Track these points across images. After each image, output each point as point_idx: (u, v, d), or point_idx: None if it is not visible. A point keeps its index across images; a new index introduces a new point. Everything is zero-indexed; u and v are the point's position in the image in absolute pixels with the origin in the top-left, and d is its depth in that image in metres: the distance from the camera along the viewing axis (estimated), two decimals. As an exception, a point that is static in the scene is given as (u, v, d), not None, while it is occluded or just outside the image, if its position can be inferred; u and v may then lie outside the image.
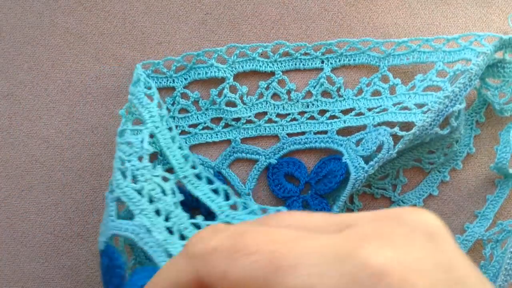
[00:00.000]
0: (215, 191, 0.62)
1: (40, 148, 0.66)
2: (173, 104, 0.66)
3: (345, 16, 0.69)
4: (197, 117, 0.65)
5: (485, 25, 0.69)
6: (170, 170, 0.61)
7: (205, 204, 0.60)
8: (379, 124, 0.63)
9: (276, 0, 0.69)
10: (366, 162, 0.61)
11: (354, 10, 0.69)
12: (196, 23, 0.69)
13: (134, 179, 0.56)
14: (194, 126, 0.66)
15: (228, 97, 0.66)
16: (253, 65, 0.67)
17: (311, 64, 0.67)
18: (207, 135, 0.66)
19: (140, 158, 0.57)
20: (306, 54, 0.67)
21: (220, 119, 0.67)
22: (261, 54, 0.67)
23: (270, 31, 0.69)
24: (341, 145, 0.65)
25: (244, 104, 0.66)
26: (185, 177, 0.60)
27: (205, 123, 0.65)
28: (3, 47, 0.68)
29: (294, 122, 0.67)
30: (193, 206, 0.61)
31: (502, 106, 0.65)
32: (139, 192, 0.54)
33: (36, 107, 0.67)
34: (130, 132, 0.59)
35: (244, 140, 0.67)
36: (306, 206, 0.66)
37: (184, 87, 0.66)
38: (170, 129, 0.63)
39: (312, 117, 0.67)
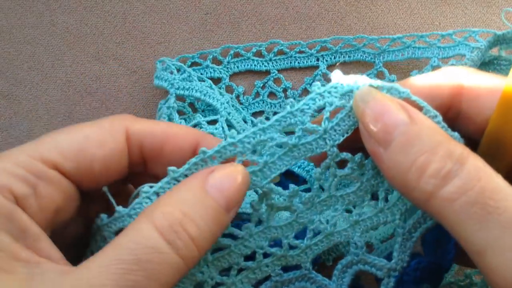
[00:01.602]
0: None
1: (40, 148, 0.66)
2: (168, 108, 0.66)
3: (345, 16, 0.69)
4: (194, 118, 0.65)
5: (484, 25, 0.68)
6: None
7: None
8: None
9: (276, 0, 0.69)
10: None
11: (354, 10, 0.69)
12: (196, 23, 0.69)
13: None
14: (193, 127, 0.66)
15: (225, 97, 0.65)
16: (248, 65, 0.67)
17: (307, 62, 0.67)
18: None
19: None
20: (301, 52, 0.67)
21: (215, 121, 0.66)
22: (256, 54, 0.67)
23: (270, 31, 0.68)
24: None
25: (241, 103, 0.67)
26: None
27: (198, 126, 0.64)
28: (3, 47, 0.68)
29: (292, 120, 0.67)
30: None
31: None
32: None
33: (36, 107, 0.67)
34: (206, 124, 0.60)
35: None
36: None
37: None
38: (238, 110, 0.65)
39: (310, 115, 0.66)
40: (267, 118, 0.67)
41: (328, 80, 0.66)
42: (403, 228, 0.43)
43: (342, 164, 0.43)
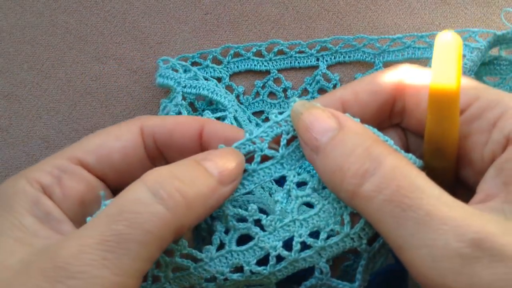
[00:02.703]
0: None
1: (40, 148, 0.66)
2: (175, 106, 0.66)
3: (345, 16, 0.69)
4: (203, 115, 0.64)
5: (485, 25, 0.68)
6: None
7: None
8: None
9: (276, 0, 0.69)
10: None
11: (354, 10, 0.69)
12: (196, 23, 0.69)
13: None
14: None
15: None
16: (248, 65, 0.67)
17: (306, 62, 0.67)
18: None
19: None
20: (301, 52, 0.67)
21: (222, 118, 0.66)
22: (256, 54, 0.68)
23: (270, 31, 0.69)
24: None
25: (241, 103, 0.67)
26: None
27: None
28: (3, 47, 0.68)
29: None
30: None
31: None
32: None
33: (36, 107, 0.67)
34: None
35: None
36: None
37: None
38: (242, 109, 0.65)
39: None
40: (267, 118, 0.67)
41: (328, 80, 0.67)
42: (368, 252, 0.44)
43: None
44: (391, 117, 0.49)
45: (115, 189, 0.47)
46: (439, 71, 0.39)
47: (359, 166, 0.39)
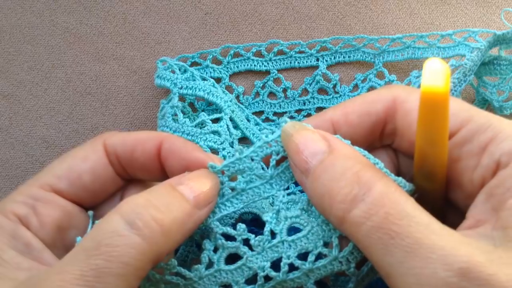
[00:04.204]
0: None
1: (40, 148, 0.66)
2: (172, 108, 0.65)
3: (345, 16, 0.69)
4: (194, 119, 0.64)
5: (485, 25, 0.68)
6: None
7: None
8: None
9: (276, 0, 0.69)
10: None
11: (354, 10, 0.69)
12: (196, 23, 0.69)
13: None
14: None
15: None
16: (248, 65, 0.67)
17: (306, 62, 0.67)
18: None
19: (231, 144, 0.59)
20: (300, 52, 0.67)
21: (218, 119, 0.66)
22: (256, 54, 0.67)
23: (270, 31, 0.69)
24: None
25: (241, 103, 0.67)
26: None
27: (202, 124, 0.62)
28: (3, 47, 0.68)
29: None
30: None
31: (502, 103, 0.64)
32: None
33: (36, 107, 0.67)
34: (210, 122, 0.60)
35: (241, 140, 0.66)
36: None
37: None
38: (241, 109, 0.65)
39: (309, 115, 0.67)
40: (267, 118, 0.67)
41: (328, 80, 0.67)
42: (357, 276, 0.44)
43: None
44: (382, 138, 0.48)
45: (91, 209, 0.48)
46: (427, 96, 0.39)
47: (348, 191, 0.38)
